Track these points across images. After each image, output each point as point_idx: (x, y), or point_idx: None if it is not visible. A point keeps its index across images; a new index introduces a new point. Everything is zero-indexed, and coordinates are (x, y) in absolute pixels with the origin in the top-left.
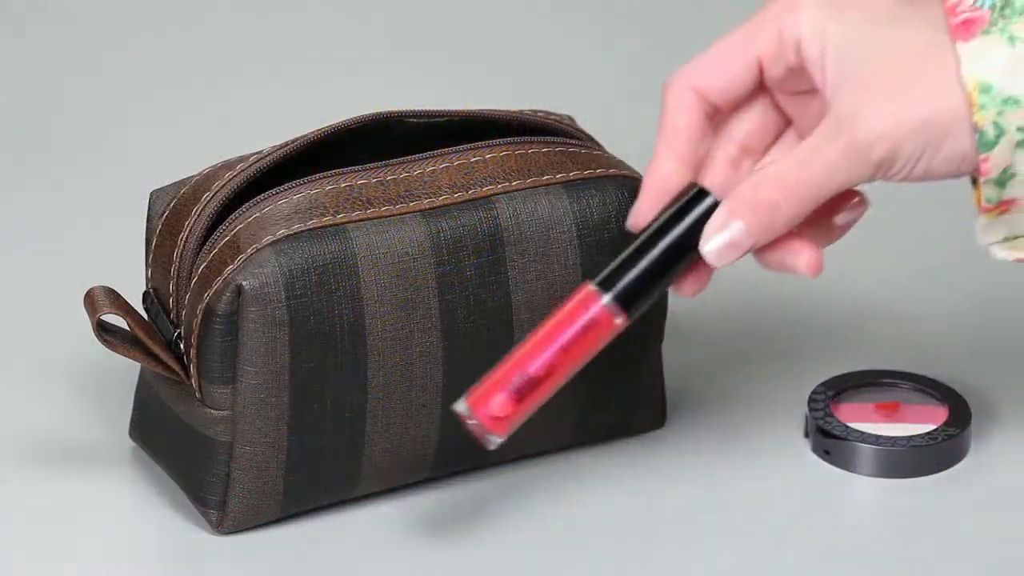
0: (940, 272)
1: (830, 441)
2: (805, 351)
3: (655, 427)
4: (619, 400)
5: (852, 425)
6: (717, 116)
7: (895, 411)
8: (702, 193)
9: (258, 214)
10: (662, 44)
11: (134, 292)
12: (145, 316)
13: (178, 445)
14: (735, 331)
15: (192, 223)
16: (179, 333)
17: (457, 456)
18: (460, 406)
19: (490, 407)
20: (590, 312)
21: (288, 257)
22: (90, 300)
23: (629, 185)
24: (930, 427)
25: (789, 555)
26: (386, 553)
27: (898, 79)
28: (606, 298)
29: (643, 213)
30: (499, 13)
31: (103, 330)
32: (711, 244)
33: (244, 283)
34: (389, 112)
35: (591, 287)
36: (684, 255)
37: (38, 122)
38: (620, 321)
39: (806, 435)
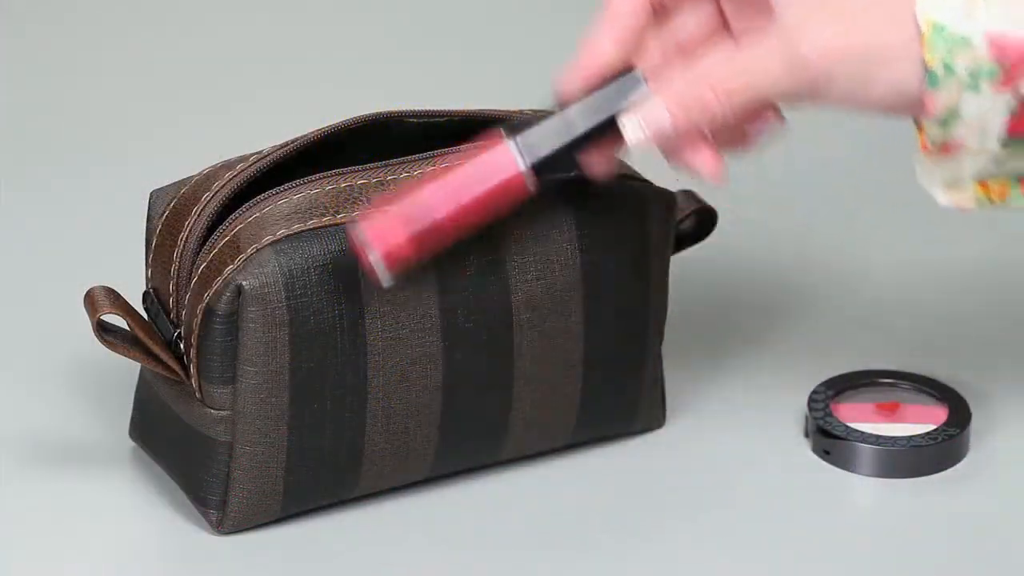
0: (940, 272)
1: (830, 441)
2: (805, 351)
3: (655, 427)
4: (619, 400)
5: (852, 425)
6: (661, 11)
7: (895, 411)
8: (635, 78)
9: (258, 214)
10: None
11: (134, 292)
12: (145, 316)
13: (178, 445)
14: (735, 331)
15: (192, 223)
16: (179, 333)
17: (457, 456)
18: (358, 232)
19: (389, 244)
20: (506, 173)
21: (288, 257)
22: (90, 300)
23: (629, 185)
24: (930, 427)
25: (789, 555)
26: (386, 553)
27: (852, 3)
28: (524, 163)
29: (571, 85)
30: (499, 13)
31: (103, 330)
32: (635, 129)
33: (244, 283)
34: (389, 112)
35: (510, 146)
36: (606, 134)
37: (38, 122)
38: (532, 186)
39: (806, 435)
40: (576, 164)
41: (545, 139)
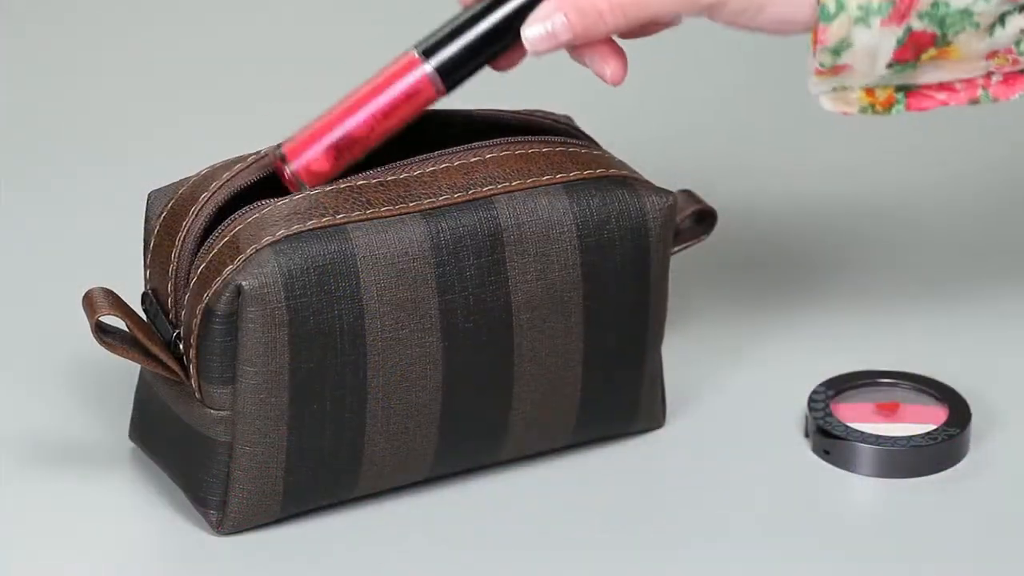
0: (940, 271)
1: (830, 441)
2: (805, 351)
3: (655, 427)
4: (619, 400)
5: (852, 425)
6: None
7: (895, 411)
8: None
9: (257, 215)
10: (660, 45)
11: (133, 293)
12: (144, 317)
13: (178, 445)
14: (735, 331)
15: (190, 224)
16: (178, 334)
17: (457, 456)
18: (277, 152)
19: (307, 159)
20: (412, 79)
21: (287, 257)
22: (89, 301)
23: (629, 185)
24: (930, 427)
25: (789, 555)
26: (387, 553)
27: None
28: (429, 68)
29: None
30: None
31: (102, 331)
32: (532, 31)
33: (244, 283)
34: None
35: (415, 55)
36: (506, 37)
37: (38, 122)
38: (439, 91)
39: (806, 435)
40: (481, 65)
41: (447, 42)
